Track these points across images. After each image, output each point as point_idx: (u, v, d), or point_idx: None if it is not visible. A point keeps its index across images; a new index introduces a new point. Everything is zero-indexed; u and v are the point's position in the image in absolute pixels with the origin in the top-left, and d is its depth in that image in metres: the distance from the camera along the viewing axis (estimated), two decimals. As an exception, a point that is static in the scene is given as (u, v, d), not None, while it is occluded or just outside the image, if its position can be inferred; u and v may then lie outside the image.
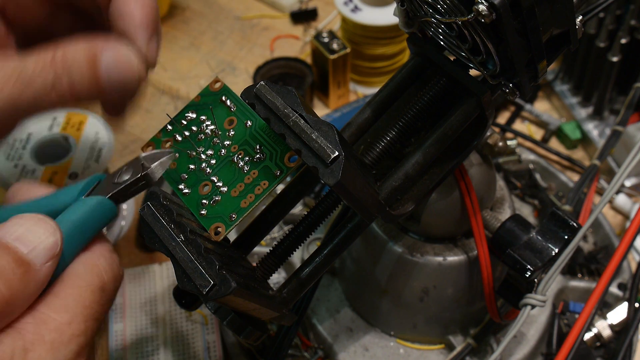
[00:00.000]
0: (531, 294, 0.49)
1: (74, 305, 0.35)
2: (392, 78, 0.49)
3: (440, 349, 0.60)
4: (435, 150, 0.45)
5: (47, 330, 0.34)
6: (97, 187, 0.41)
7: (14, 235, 0.34)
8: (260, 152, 0.42)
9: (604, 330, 0.60)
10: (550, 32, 0.40)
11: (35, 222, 0.35)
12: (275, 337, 0.57)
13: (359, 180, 0.38)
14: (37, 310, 0.34)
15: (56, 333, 0.34)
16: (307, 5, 1.00)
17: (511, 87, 0.42)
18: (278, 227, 0.69)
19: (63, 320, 0.34)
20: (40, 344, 0.33)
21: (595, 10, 0.51)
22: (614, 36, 0.75)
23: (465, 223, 0.53)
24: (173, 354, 0.61)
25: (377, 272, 0.58)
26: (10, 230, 0.34)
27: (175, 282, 0.52)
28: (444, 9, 0.40)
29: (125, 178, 0.40)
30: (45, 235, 0.35)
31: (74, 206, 0.39)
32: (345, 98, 0.87)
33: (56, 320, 0.34)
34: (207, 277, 0.36)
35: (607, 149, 0.70)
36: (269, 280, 0.47)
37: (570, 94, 0.84)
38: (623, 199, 0.75)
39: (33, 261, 0.34)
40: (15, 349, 0.32)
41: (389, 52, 0.85)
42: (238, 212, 0.41)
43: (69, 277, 0.36)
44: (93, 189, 0.41)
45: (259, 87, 0.39)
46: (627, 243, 0.51)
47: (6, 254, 0.33)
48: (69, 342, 0.34)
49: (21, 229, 0.34)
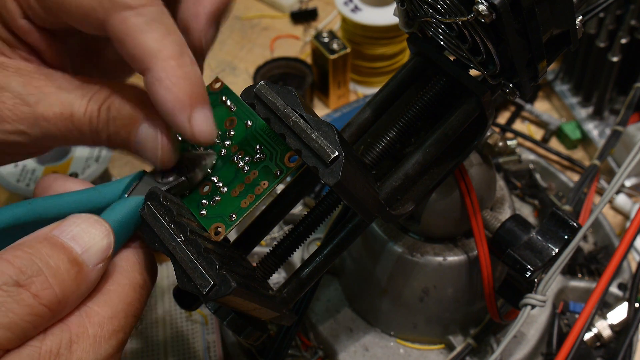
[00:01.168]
0: (531, 294, 0.49)
1: (117, 301, 0.36)
2: (392, 78, 0.49)
3: (440, 349, 0.60)
4: (435, 150, 0.45)
5: (91, 324, 0.34)
6: (139, 185, 0.41)
7: (70, 234, 0.34)
8: (260, 152, 0.42)
9: (604, 330, 0.60)
10: (550, 32, 0.40)
11: (91, 224, 0.35)
12: (275, 337, 0.57)
13: (359, 180, 0.38)
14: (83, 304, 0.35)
15: (99, 327, 0.34)
16: (307, 5, 1.00)
17: (511, 87, 0.42)
18: (278, 227, 0.69)
19: (106, 314, 0.35)
20: (84, 337, 0.34)
21: (595, 10, 0.51)
22: (614, 36, 0.75)
23: (465, 223, 0.53)
24: (173, 354, 0.61)
25: (377, 272, 0.58)
26: (67, 229, 0.34)
27: (175, 282, 0.52)
28: (444, 9, 0.40)
29: (169, 179, 0.41)
30: (100, 237, 0.35)
31: (119, 204, 0.39)
32: (345, 98, 0.87)
33: (99, 315, 0.35)
34: (207, 277, 0.36)
35: (607, 149, 0.70)
36: (269, 280, 0.47)
37: (570, 94, 0.84)
38: (623, 199, 0.75)
39: (86, 262, 0.34)
40: (63, 341, 0.33)
41: (389, 52, 0.85)
42: (238, 212, 0.41)
43: (113, 274, 0.37)
44: (135, 186, 0.41)
45: (259, 87, 0.39)
46: (627, 243, 0.51)
47: (62, 253, 0.33)
48: (110, 337, 0.35)
49: (77, 229, 0.34)
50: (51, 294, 0.32)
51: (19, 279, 0.31)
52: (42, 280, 0.32)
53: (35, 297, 0.31)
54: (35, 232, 0.34)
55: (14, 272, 0.31)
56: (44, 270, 0.32)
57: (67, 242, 0.34)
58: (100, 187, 0.41)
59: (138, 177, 0.42)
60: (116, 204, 0.39)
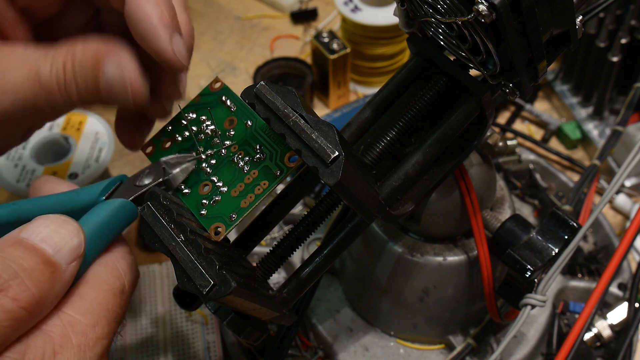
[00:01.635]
0: (531, 294, 0.49)
1: (99, 308, 0.36)
2: (392, 78, 0.49)
3: (440, 349, 0.60)
4: (435, 150, 0.45)
5: (74, 333, 0.34)
6: (118, 189, 0.41)
7: (40, 236, 0.34)
8: (260, 152, 0.42)
9: (604, 330, 0.60)
10: (550, 32, 0.40)
11: (60, 224, 0.35)
12: (275, 337, 0.57)
13: (359, 180, 0.38)
14: (64, 312, 0.35)
15: (82, 336, 0.34)
16: (307, 5, 1.00)
17: (511, 87, 0.42)
18: (278, 227, 0.69)
19: (89, 323, 0.35)
20: (68, 347, 0.33)
21: (595, 10, 0.51)
22: (614, 36, 0.75)
23: (465, 223, 0.53)
24: (173, 354, 0.61)
25: (377, 272, 0.58)
26: (36, 231, 0.34)
27: (175, 282, 0.52)
28: (444, 9, 0.40)
29: (146, 182, 0.41)
30: (70, 237, 0.35)
31: (97, 208, 0.39)
32: (345, 98, 0.87)
33: (82, 323, 0.35)
34: (207, 277, 0.36)
35: (607, 149, 0.70)
36: (269, 280, 0.47)
37: (570, 94, 0.84)
38: (623, 199, 0.75)
39: (59, 262, 0.34)
40: (45, 351, 0.33)
41: (389, 52, 0.85)
42: (238, 212, 0.41)
43: (92, 279, 0.37)
44: (114, 190, 0.41)
45: (259, 87, 0.39)
46: (627, 243, 0.51)
47: (34, 255, 0.33)
48: (94, 345, 0.35)
49: (46, 230, 0.34)
50: (29, 296, 0.32)
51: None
52: (19, 282, 0.32)
53: (14, 300, 0.31)
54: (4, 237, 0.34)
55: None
56: (20, 272, 0.32)
57: (37, 243, 0.34)
58: (79, 190, 0.41)
59: (117, 180, 0.42)
60: (95, 208, 0.39)
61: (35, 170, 0.68)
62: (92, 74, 0.40)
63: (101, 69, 0.40)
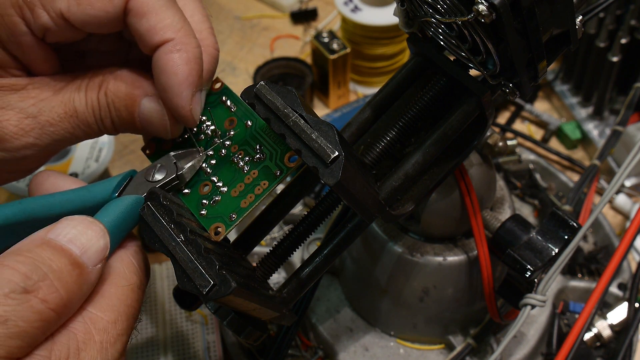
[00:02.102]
0: (531, 294, 0.49)
1: (118, 304, 0.36)
2: (392, 78, 0.49)
3: (440, 349, 0.60)
4: (435, 150, 0.45)
5: (96, 330, 0.34)
6: (129, 184, 0.41)
7: (67, 237, 0.34)
8: (260, 152, 0.42)
9: (604, 330, 0.60)
10: (550, 32, 0.40)
11: (87, 225, 0.35)
12: (275, 337, 0.57)
13: (359, 180, 0.38)
14: (86, 310, 0.35)
15: (104, 333, 0.35)
16: (307, 5, 1.00)
17: (511, 87, 0.42)
18: (278, 227, 0.69)
19: (109, 319, 0.35)
20: (91, 344, 0.34)
21: (595, 10, 0.51)
22: (614, 36, 0.75)
23: (465, 223, 0.53)
24: (173, 354, 0.61)
25: (377, 272, 0.58)
26: (63, 232, 0.34)
27: (175, 282, 0.52)
28: (444, 9, 0.40)
29: (158, 177, 0.41)
30: (97, 238, 0.35)
31: (111, 205, 0.39)
32: (345, 98, 0.87)
33: (103, 320, 0.35)
34: (207, 277, 0.36)
35: (607, 149, 0.70)
36: (269, 280, 0.47)
37: (570, 94, 0.84)
38: (623, 199, 0.75)
39: (86, 263, 0.34)
40: (70, 349, 0.33)
41: (389, 52, 0.85)
42: (238, 212, 0.41)
43: (111, 276, 0.37)
44: (126, 185, 0.41)
45: (259, 87, 0.39)
46: (627, 243, 0.51)
47: (63, 256, 0.33)
48: (115, 341, 0.35)
49: (73, 231, 0.34)
50: (58, 298, 0.32)
51: (26, 285, 0.31)
52: (49, 284, 0.32)
53: (43, 302, 0.31)
54: (30, 237, 0.34)
55: (20, 279, 0.31)
56: (49, 274, 0.32)
57: (65, 244, 0.34)
58: (90, 187, 0.41)
59: (128, 176, 0.42)
60: (109, 205, 0.39)
61: (35, 170, 0.68)
62: (126, 108, 0.41)
63: (137, 106, 0.41)
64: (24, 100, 0.40)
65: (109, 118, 0.41)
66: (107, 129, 0.42)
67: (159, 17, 0.39)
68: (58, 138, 0.41)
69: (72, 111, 0.40)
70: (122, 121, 0.42)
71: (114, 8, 0.39)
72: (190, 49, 0.39)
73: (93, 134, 0.42)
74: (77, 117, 0.40)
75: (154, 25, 0.39)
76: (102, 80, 0.41)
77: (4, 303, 0.30)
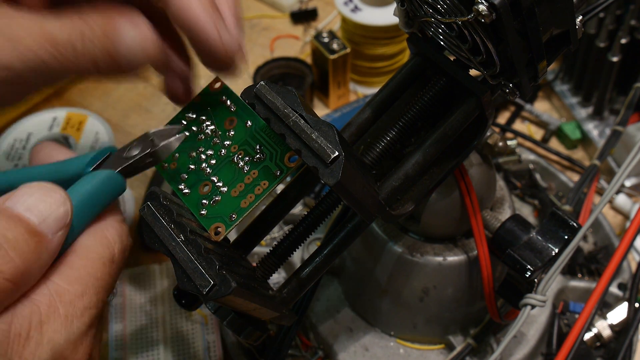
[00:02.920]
0: (531, 294, 0.49)
1: (87, 277, 0.35)
2: (392, 78, 0.49)
3: (440, 349, 0.60)
4: (435, 150, 0.45)
5: (62, 303, 0.34)
6: (106, 160, 0.41)
7: (24, 205, 0.33)
8: (260, 152, 0.42)
9: (604, 330, 0.60)
10: (550, 32, 0.40)
11: (45, 192, 0.34)
12: (275, 337, 0.57)
13: (359, 180, 0.38)
14: (51, 281, 0.34)
15: (70, 305, 0.34)
16: (307, 5, 1.00)
17: (511, 87, 0.42)
18: (278, 227, 0.69)
19: (76, 292, 0.34)
20: (55, 316, 0.33)
21: (595, 10, 0.51)
22: (614, 36, 0.75)
23: (465, 223, 0.53)
24: (173, 354, 0.61)
25: (377, 272, 0.58)
26: (21, 200, 0.33)
27: (175, 282, 0.52)
28: (444, 9, 0.40)
29: (134, 153, 0.41)
30: (56, 205, 0.34)
31: (84, 178, 0.39)
32: (345, 98, 0.87)
33: (70, 292, 0.34)
34: (207, 277, 0.36)
35: (607, 149, 0.70)
36: (269, 280, 0.47)
37: (570, 94, 0.84)
38: (623, 199, 0.75)
39: (45, 232, 0.33)
40: (32, 321, 0.32)
41: (389, 52, 0.85)
42: (238, 212, 0.41)
43: (80, 249, 0.36)
44: (102, 161, 0.41)
45: (259, 87, 0.39)
46: (627, 243, 0.51)
47: (19, 225, 0.32)
48: (82, 314, 0.34)
49: (31, 198, 0.34)
50: (13, 267, 0.31)
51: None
52: (3, 254, 0.31)
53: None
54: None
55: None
56: (3, 243, 0.31)
57: (22, 213, 0.33)
58: (67, 161, 0.40)
59: (106, 152, 0.41)
60: (82, 179, 0.38)
61: (35, 170, 0.68)
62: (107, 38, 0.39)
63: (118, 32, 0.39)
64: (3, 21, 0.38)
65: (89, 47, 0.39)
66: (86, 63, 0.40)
67: None
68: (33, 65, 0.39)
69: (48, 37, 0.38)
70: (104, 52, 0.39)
71: None
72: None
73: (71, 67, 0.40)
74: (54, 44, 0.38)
75: None
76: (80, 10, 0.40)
77: None
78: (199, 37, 0.39)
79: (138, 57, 0.40)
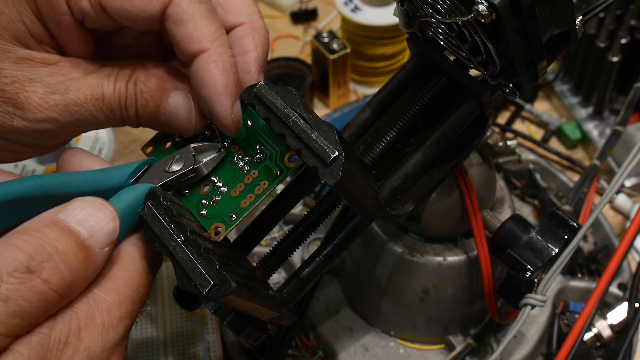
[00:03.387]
0: (531, 294, 0.49)
1: (125, 288, 0.36)
2: (392, 78, 0.49)
3: (440, 349, 0.60)
4: (435, 150, 0.45)
5: (99, 312, 0.34)
6: (146, 172, 0.41)
7: (76, 218, 0.34)
8: (260, 152, 0.42)
9: (604, 330, 0.60)
10: (550, 32, 0.40)
11: (97, 207, 0.35)
12: (275, 337, 0.57)
13: (359, 180, 0.38)
14: (90, 291, 0.35)
15: (107, 315, 0.35)
16: (307, 5, 1.00)
17: (511, 87, 0.42)
18: (278, 227, 0.69)
19: (114, 302, 0.35)
20: (92, 325, 0.34)
21: (595, 10, 0.51)
22: (614, 36, 0.75)
23: (465, 223, 0.53)
24: (173, 354, 0.61)
25: (377, 272, 0.58)
26: (73, 213, 0.34)
27: (175, 282, 0.52)
28: (444, 9, 0.40)
29: (175, 168, 0.41)
30: (106, 221, 0.35)
31: (126, 191, 0.39)
32: (345, 98, 0.87)
33: (107, 302, 0.35)
34: (207, 277, 0.36)
35: (607, 149, 0.70)
36: (269, 280, 0.47)
37: (570, 94, 0.84)
38: (623, 199, 0.75)
39: (93, 246, 0.34)
40: (71, 328, 0.33)
41: (389, 52, 0.85)
42: (238, 212, 0.41)
43: (119, 260, 0.37)
44: (143, 173, 0.41)
45: (259, 87, 0.39)
46: (627, 243, 0.51)
47: (69, 237, 0.33)
48: (118, 324, 0.35)
49: (83, 212, 0.34)
50: (61, 279, 0.32)
51: (29, 265, 0.31)
52: (52, 265, 0.32)
53: (46, 283, 0.31)
54: (40, 216, 0.34)
55: (24, 258, 0.31)
56: (54, 255, 0.32)
57: (73, 226, 0.34)
58: (108, 170, 0.41)
59: (146, 163, 0.42)
60: (123, 191, 0.39)
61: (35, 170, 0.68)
62: (154, 100, 0.42)
63: (165, 100, 0.42)
64: (53, 76, 0.40)
65: (134, 107, 0.42)
66: (130, 119, 0.42)
67: (196, 25, 0.40)
68: (80, 118, 0.41)
69: (98, 94, 0.41)
70: (147, 112, 0.42)
71: (151, 10, 0.40)
72: (225, 58, 0.40)
73: (116, 121, 0.42)
74: (102, 101, 0.41)
75: (190, 33, 0.40)
76: (134, 70, 0.42)
77: (7, 282, 0.30)
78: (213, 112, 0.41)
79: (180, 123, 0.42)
